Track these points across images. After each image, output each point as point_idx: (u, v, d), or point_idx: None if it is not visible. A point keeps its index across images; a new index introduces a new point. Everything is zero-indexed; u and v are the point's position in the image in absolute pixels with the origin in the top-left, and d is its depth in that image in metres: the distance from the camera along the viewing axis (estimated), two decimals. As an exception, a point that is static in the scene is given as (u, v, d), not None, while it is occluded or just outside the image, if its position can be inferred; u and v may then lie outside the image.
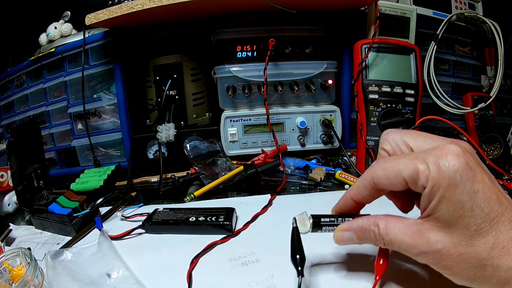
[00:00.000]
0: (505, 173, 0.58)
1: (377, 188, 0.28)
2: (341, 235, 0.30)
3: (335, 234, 0.31)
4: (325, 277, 0.34)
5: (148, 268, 0.38)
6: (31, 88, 0.78)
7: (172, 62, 0.72)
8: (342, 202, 0.32)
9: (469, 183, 0.23)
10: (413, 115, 0.61)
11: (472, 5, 0.78)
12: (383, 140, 0.31)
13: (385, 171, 0.27)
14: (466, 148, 0.25)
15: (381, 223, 0.27)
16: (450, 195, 0.23)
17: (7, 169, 0.59)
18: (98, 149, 0.76)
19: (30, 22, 0.88)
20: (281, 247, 0.41)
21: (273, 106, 0.72)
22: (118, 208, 0.55)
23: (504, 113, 0.85)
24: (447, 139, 0.27)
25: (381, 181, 0.27)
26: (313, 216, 0.31)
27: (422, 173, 0.24)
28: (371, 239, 0.28)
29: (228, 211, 0.47)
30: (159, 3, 0.60)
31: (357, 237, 0.29)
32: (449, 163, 0.24)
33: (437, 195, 0.24)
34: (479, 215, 0.23)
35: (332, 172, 0.62)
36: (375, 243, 0.28)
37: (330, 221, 0.31)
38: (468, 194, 0.23)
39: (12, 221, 0.56)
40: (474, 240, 0.23)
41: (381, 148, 0.31)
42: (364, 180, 0.29)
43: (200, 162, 0.66)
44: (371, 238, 0.28)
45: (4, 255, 0.35)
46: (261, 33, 0.70)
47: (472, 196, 0.23)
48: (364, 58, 0.62)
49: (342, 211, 0.32)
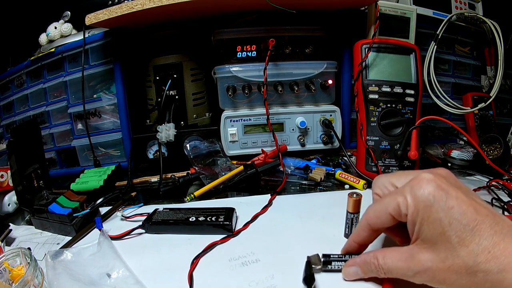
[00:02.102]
0: (505, 173, 0.58)
1: (373, 229, 0.32)
2: (348, 270, 0.34)
3: (343, 270, 0.34)
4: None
5: (148, 268, 0.39)
6: (31, 88, 0.78)
7: (172, 62, 0.72)
8: (347, 246, 0.36)
9: (442, 202, 0.26)
10: (413, 115, 0.61)
11: (472, 5, 0.78)
12: (374, 186, 0.36)
13: (375, 212, 0.32)
14: (440, 173, 0.29)
15: (379, 255, 0.31)
16: (427, 215, 0.27)
17: (7, 169, 0.59)
18: (98, 149, 0.76)
19: (30, 22, 0.88)
20: (281, 247, 0.41)
21: (273, 106, 0.72)
22: (118, 208, 0.55)
23: (504, 113, 0.85)
24: (425, 170, 0.30)
25: (373, 221, 0.32)
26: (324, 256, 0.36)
27: (402, 204, 0.28)
28: (373, 270, 0.31)
29: (228, 211, 0.47)
30: (159, 3, 0.60)
31: (362, 271, 0.33)
32: (422, 189, 0.27)
33: (418, 219, 0.27)
34: (458, 227, 0.26)
35: (332, 172, 0.62)
36: (377, 273, 0.31)
37: (338, 257, 0.35)
38: (444, 211, 0.26)
39: (12, 221, 0.56)
40: (459, 251, 0.25)
41: (373, 193, 0.36)
42: (361, 224, 0.33)
43: (200, 162, 0.66)
44: (373, 270, 0.31)
45: (4, 255, 0.35)
46: (261, 33, 0.70)
47: (447, 212, 0.26)
48: (364, 58, 0.62)
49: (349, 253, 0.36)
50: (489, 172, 0.59)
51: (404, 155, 0.58)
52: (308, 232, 0.44)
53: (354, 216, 0.40)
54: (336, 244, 0.37)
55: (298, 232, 0.44)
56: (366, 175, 0.59)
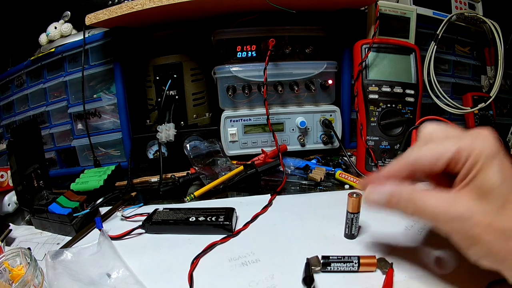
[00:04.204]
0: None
1: (414, 171, 0.30)
2: (371, 194, 0.31)
3: (365, 192, 0.32)
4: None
5: (148, 268, 0.38)
6: (31, 88, 0.78)
7: (172, 62, 0.72)
8: (375, 178, 0.32)
9: (501, 157, 0.26)
10: (413, 115, 0.61)
11: (472, 5, 0.77)
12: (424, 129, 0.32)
13: (431, 151, 0.29)
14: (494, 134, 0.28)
15: (415, 188, 0.29)
16: (487, 165, 0.26)
17: (7, 169, 0.59)
18: (98, 149, 0.76)
19: (30, 22, 0.88)
20: (281, 247, 0.41)
21: (273, 106, 0.72)
22: (118, 208, 0.55)
23: (504, 113, 0.85)
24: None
25: (424, 161, 0.29)
26: (323, 257, 0.35)
27: (464, 150, 0.27)
28: (401, 202, 0.29)
29: (228, 211, 0.47)
30: (159, 3, 0.60)
31: (387, 199, 0.30)
32: (485, 141, 0.27)
33: (478, 165, 0.27)
34: (509, 187, 0.26)
35: (332, 172, 0.62)
36: (405, 208, 0.29)
37: (337, 258, 0.34)
38: (502, 166, 0.26)
39: (12, 221, 0.56)
40: (503, 210, 0.25)
41: (424, 132, 0.32)
42: (404, 161, 0.30)
43: (200, 162, 0.66)
44: (401, 202, 0.29)
45: (4, 255, 0.35)
46: (261, 33, 0.70)
47: (504, 168, 0.26)
48: (364, 58, 0.62)
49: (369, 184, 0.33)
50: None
51: (404, 155, 0.58)
52: (308, 232, 0.44)
53: (354, 216, 0.40)
54: (336, 244, 0.37)
55: (298, 232, 0.44)
56: (366, 175, 0.59)
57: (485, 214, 0.26)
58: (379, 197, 0.31)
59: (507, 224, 0.25)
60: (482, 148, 0.27)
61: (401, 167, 0.31)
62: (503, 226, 0.25)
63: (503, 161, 0.26)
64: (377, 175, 0.32)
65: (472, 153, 0.27)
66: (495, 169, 0.26)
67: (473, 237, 0.26)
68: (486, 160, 0.26)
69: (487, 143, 0.27)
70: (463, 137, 0.28)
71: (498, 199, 0.26)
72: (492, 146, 0.27)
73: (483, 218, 0.26)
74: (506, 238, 0.25)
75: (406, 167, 0.30)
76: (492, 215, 0.26)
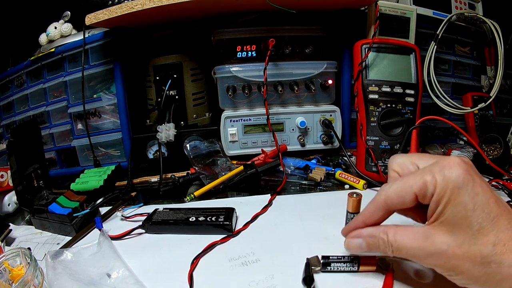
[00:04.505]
0: (505, 173, 0.58)
1: (388, 209, 0.31)
2: (351, 242, 0.33)
3: (346, 240, 0.33)
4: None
5: (148, 268, 0.38)
6: (31, 88, 0.78)
7: (172, 62, 0.72)
8: (353, 225, 0.34)
9: (470, 187, 0.26)
10: (413, 115, 0.61)
11: (472, 5, 0.77)
12: (392, 163, 0.34)
13: (396, 190, 0.30)
14: (464, 160, 0.28)
15: (390, 231, 0.30)
16: (454, 197, 0.26)
17: (7, 169, 0.59)
18: (98, 149, 0.76)
19: (30, 22, 0.88)
20: (281, 247, 0.41)
21: (273, 106, 0.72)
22: (118, 208, 0.55)
23: (504, 113, 0.85)
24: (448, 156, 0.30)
25: (393, 201, 0.30)
26: (323, 257, 0.35)
27: (430, 183, 0.27)
28: (380, 246, 0.30)
29: (228, 211, 0.47)
30: (159, 3, 0.60)
31: (366, 245, 0.31)
32: (452, 171, 0.27)
33: (444, 199, 0.27)
34: (480, 215, 0.25)
35: (332, 172, 0.62)
36: (384, 250, 0.30)
37: (337, 258, 0.34)
38: (470, 196, 0.26)
39: (12, 221, 0.56)
40: (477, 239, 0.25)
41: (392, 170, 0.33)
42: (376, 203, 0.31)
43: (200, 162, 0.66)
44: (380, 246, 0.30)
45: (4, 255, 0.35)
46: (261, 33, 0.70)
47: (473, 197, 0.26)
48: (364, 58, 0.62)
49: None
50: (489, 172, 0.59)
51: (404, 155, 0.58)
52: (308, 232, 0.44)
53: (354, 216, 0.40)
54: (336, 244, 0.37)
55: (298, 232, 0.44)
56: (366, 175, 0.59)
57: (459, 245, 0.26)
58: (360, 245, 0.32)
59: (484, 250, 0.25)
60: (448, 180, 0.27)
61: (375, 210, 0.31)
62: (480, 253, 0.25)
63: (473, 189, 0.26)
64: (356, 223, 0.33)
65: (437, 187, 0.27)
66: (463, 200, 0.26)
67: (453, 269, 0.27)
68: (452, 193, 0.26)
69: (454, 173, 0.26)
70: (428, 170, 0.28)
71: (471, 228, 0.26)
72: (458, 177, 0.26)
73: (458, 249, 0.26)
74: (484, 263, 0.25)
75: (379, 209, 0.31)
76: (467, 244, 0.26)
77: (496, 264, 0.25)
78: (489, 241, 0.25)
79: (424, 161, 0.31)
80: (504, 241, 0.25)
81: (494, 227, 0.25)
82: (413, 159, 0.32)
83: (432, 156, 0.31)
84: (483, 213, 0.25)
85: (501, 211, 0.26)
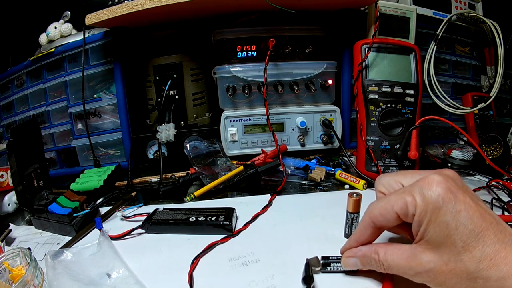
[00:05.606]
0: (505, 173, 0.58)
1: (376, 227, 0.31)
2: (347, 261, 0.34)
3: (342, 259, 0.34)
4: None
5: (148, 268, 0.39)
6: (31, 88, 0.78)
7: (172, 62, 0.72)
8: (348, 245, 0.35)
9: (450, 205, 0.26)
10: (413, 115, 0.61)
11: (472, 5, 0.78)
12: (377, 183, 0.35)
13: (380, 209, 0.30)
14: (448, 175, 0.28)
15: (380, 251, 0.31)
16: (435, 217, 0.26)
17: (7, 169, 0.59)
18: (98, 149, 0.76)
19: (30, 22, 0.88)
20: (281, 247, 0.41)
21: (273, 106, 0.72)
22: (118, 208, 0.55)
23: (504, 113, 0.85)
24: (432, 171, 0.29)
25: (378, 219, 0.31)
26: (323, 258, 0.36)
27: (410, 204, 0.28)
28: (373, 265, 0.31)
29: (228, 211, 0.47)
30: (159, 3, 0.60)
31: (361, 263, 0.33)
32: (431, 190, 0.27)
33: (425, 220, 0.27)
34: (464, 232, 0.25)
35: (332, 172, 0.62)
36: (377, 268, 0.31)
37: (337, 259, 0.35)
38: (451, 214, 0.26)
39: (12, 221, 0.56)
40: (462, 256, 0.26)
41: (377, 190, 0.35)
42: (364, 222, 0.32)
43: (200, 162, 0.66)
44: (373, 265, 0.31)
45: (4, 255, 0.35)
46: (261, 33, 0.70)
47: (455, 215, 0.26)
48: (364, 58, 0.62)
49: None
50: (489, 172, 0.59)
51: (404, 155, 0.58)
52: (308, 232, 0.44)
53: (354, 216, 0.40)
54: (336, 244, 0.37)
55: (298, 232, 0.44)
56: (366, 175, 0.59)
57: (445, 262, 0.26)
58: (355, 263, 0.33)
59: (470, 266, 0.25)
60: (427, 201, 0.27)
61: (363, 229, 0.32)
62: (467, 269, 0.25)
63: (455, 206, 0.26)
64: (350, 243, 0.34)
65: (417, 208, 0.27)
66: (444, 220, 0.26)
67: (441, 284, 0.27)
68: (433, 213, 0.26)
69: (434, 193, 0.27)
70: (409, 190, 0.28)
71: (456, 246, 0.26)
72: (438, 196, 0.26)
73: (444, 267, 0.26)
74: (471, 279, 0.25)
75: (366, 228, 0.32)
76: (453, 261, 0.26)
77: (483, 279, 0.25)
78: (475, 257, 0.25)
79: (409, 178, 0.31)
80: (490, 256, 0.25)
81: (479, 242, 0.25)
82: (398, 178, 0.33)
83: (416, 173, 0.31)
84: (467, 230, 0.25)
85: (486, 225, 0.25)
